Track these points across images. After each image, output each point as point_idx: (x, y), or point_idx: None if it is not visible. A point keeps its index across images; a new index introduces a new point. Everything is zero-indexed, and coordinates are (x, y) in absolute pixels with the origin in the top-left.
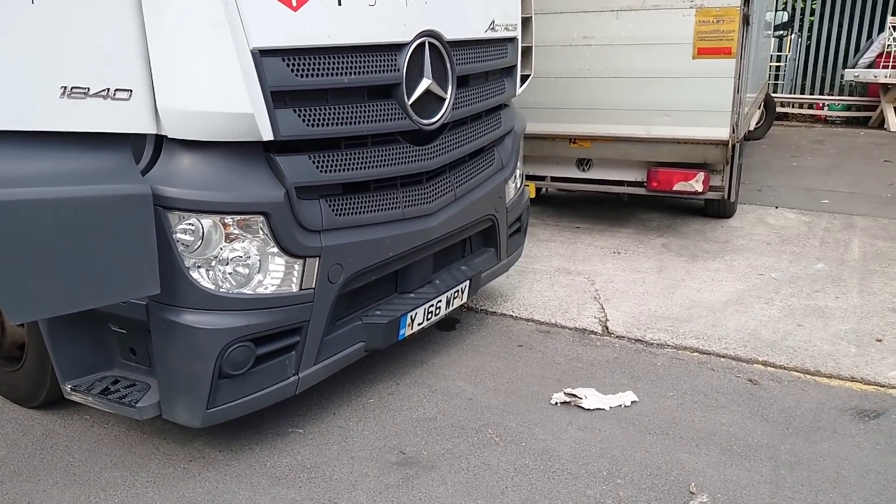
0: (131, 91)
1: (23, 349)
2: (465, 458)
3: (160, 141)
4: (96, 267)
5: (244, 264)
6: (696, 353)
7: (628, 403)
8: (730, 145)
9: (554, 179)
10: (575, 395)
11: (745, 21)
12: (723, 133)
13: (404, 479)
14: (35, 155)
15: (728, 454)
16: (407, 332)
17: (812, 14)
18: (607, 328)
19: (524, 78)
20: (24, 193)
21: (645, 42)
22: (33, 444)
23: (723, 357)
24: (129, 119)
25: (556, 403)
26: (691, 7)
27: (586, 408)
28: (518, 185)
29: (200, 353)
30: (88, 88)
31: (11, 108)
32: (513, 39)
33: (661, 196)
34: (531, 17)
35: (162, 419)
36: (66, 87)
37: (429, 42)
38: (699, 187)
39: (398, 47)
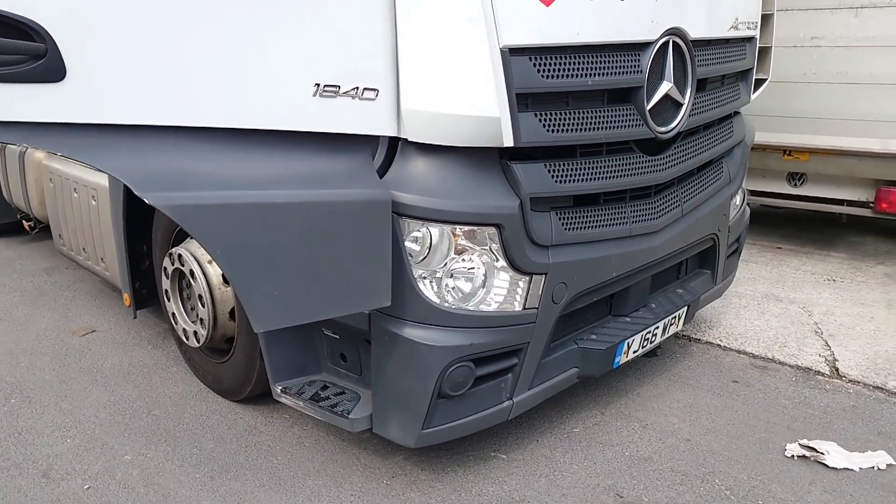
0: (378, 90)
1: (231, 343)
2: None
3: (394, 144)
4: (335, 275)
5: (468, 278)
6: None
7: (883, 466)
8: None
9: (756, 194)
10: (814, 449)
11: None
12: None
13: None
14: (278, 155)
15: None
16: (622, 360)
17: None
18: (837, 370)
19: (758, 83)
20: (274, 196)
21: (891, 43)
22: (238, 440)
23: None
24: (374, 120)
25: (793, 457)
26: None
27: (829, 465)
28: (740, 202)
29: (423, 369)
30: (339, 87)
31: (265, 106)
32: (752, 39)
33: (886, 219)
34: (773, 13)
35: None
36: (319, 85)
37: (673, 41)
38: None
39: (643, 46)
